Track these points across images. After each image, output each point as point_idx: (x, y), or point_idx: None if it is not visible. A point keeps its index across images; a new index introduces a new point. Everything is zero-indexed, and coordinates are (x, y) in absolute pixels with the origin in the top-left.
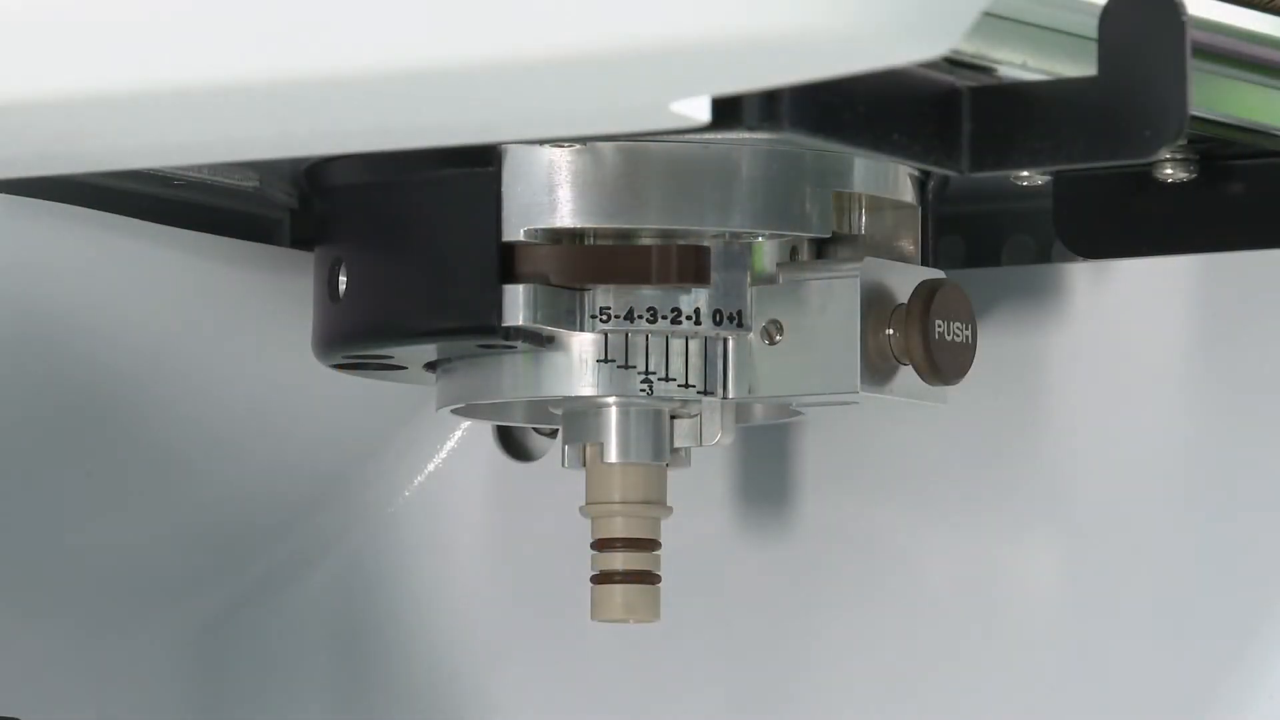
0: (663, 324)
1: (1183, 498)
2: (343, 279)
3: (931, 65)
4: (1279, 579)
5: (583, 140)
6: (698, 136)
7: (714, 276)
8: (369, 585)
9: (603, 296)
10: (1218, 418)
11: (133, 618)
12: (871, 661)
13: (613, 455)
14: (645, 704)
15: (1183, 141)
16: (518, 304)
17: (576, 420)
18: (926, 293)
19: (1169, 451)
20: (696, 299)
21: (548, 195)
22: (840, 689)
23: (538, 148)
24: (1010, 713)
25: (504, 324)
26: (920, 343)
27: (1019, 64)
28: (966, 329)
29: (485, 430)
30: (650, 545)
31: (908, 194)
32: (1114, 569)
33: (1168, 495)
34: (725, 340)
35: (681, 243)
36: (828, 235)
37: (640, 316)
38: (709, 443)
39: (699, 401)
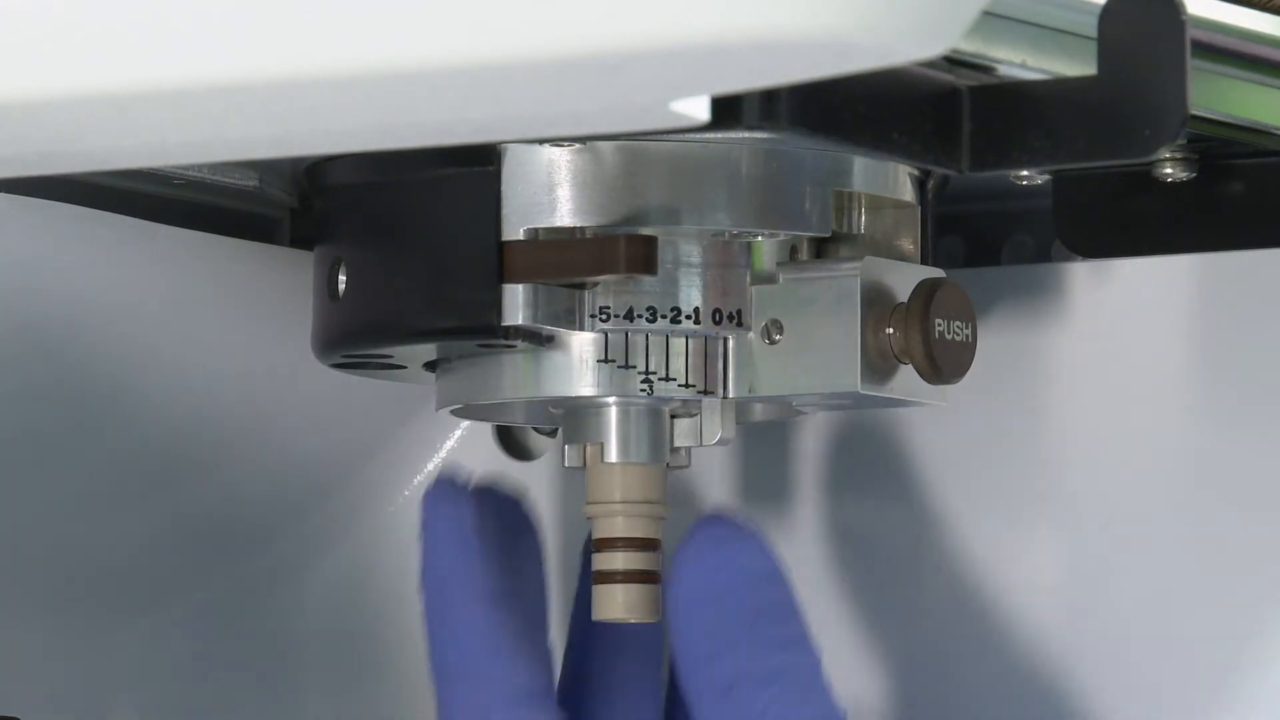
0: (662, 323)
1: (1182, 497)
2: (342, 278)
3: (931, 65)
4: (1279, 579)
5: (583, 140)
6: (697, 136)
7: (714, 275)
8: (369, 584)
9: (602, 295)
10: (1217, 417)
11: (133, 617)
12: (871, 661)
13: (613, 455)
14: None
15: (1183, 141)
16: (517, 303)
17: (577, 420)
18: (926, 292)
19: (1169, 451)
20: (696, 298)
21: (547, 194)
22: (839, 688)
23: (537, 147)
24: (1010, 712)
25: (504, 323)
26: (920, 342)
27: (1019, 63)
28: (966, 328)
29: (485, 430)
30: (650, 545)
31: (908, 193)
32: (1114, 569)
33: (1167, 495)
34: (725, 340)
35: (626, 231)
36: (827, 234)
37: (640, 316)
38: (709, 443)
39: (699, 401)
